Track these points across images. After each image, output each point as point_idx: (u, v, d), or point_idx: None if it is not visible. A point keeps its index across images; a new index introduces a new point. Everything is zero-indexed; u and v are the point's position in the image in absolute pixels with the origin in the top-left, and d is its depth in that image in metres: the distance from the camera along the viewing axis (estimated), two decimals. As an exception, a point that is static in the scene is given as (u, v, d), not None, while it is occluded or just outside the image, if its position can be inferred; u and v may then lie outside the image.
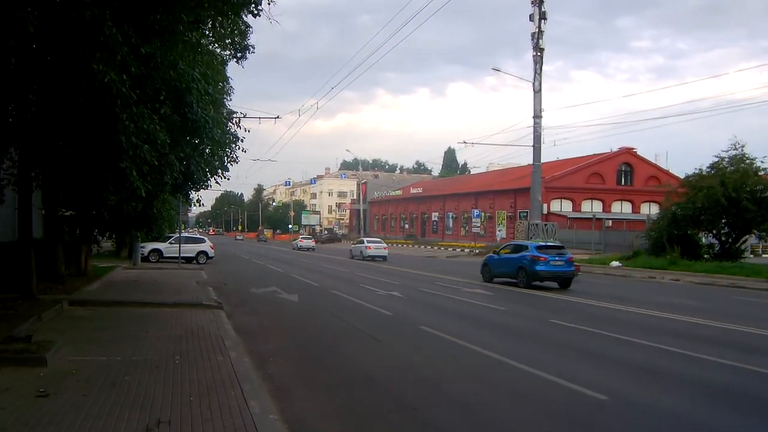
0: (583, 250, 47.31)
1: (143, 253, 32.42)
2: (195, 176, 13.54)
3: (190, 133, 11.19)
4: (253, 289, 20.25)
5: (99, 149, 9.54)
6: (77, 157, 10.36)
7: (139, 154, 9.01)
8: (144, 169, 9.73)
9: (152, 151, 9.37)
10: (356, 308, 15.64)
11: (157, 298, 15.78)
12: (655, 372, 9.05)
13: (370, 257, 39.99)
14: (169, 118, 10.11)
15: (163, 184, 12.81)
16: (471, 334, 11.79)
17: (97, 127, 9.09)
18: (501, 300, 18.00)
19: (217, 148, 13.56)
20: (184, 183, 14.40)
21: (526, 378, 8.39)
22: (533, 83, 38.83)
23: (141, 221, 19.18)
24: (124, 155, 8.93)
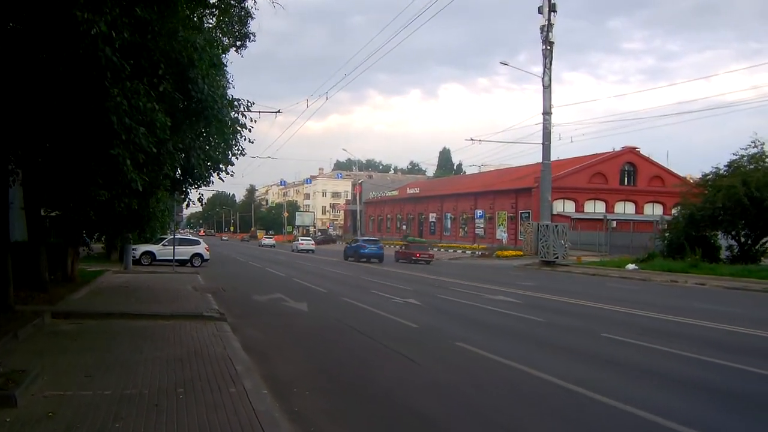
0: (589, 252, 45.89)
1: (134, 256, 30.59)
2: (196, 171, 11.81)
3: (194, 115, 9.49)
4: (256, 296, 18.55)
5: (85, 132, 7.86)
6: (60, 142, 8.64)
7: (133, 139, 7.33)
8: (140, 158, 8.03)
9: (149, 136, 7.68)
10: (376, 320, 13.97)
11: (151, 309, 14.05)
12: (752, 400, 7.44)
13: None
14: (170, 96, 8.43)
15: (162, 178, 11.06)
16: (520, 354, 10.14)
17: (83, 104, 7.41)
18: (534, 309, 16.35)
19: (225, 136, 11.81)
20: (182, 178, 12.65)
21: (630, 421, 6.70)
22: (542, 78, 37.35)
23: (133, 221, 17.42)
24: (116, 140, 7.25)
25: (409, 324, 13.08)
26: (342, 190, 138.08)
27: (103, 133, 7.36)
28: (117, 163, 7.48)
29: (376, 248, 42.17)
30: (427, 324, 13.23)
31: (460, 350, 10.40)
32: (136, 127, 7.29)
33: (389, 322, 13.56)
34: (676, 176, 66.02)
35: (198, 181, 12.89)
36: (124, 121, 7.13)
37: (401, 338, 11.54)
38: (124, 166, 7.50)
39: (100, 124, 7.25)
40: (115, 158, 7.39)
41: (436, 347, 10.78)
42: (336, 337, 11.91)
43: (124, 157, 7.45)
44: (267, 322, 13.59)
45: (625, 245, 46.09)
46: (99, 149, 7.83)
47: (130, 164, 7.58)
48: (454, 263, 44.49)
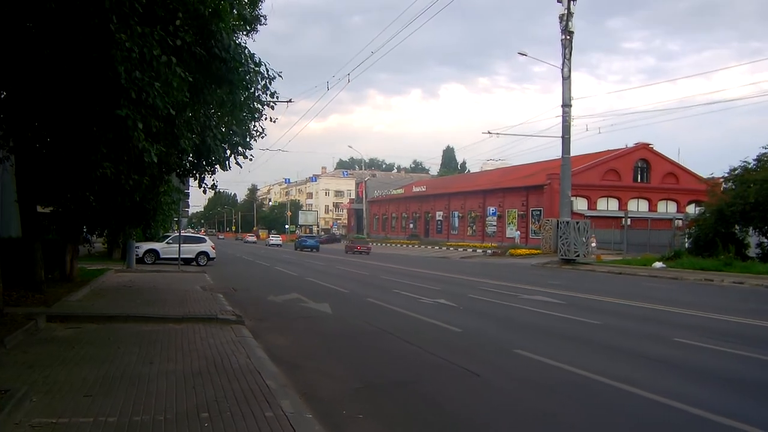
0: (604, 250, 44.32)
1: (138, 254, 29.10)
2: (212, 154, 10.27)
3: (217, 78, 7.98)
4: (271, 296, 17.04)
5: (87, 88, 6.35)
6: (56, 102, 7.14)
7: (145, 99, 5.85)
8: (153, 125, 6.52)
9: (165, 96, 6.19)
10: (410, 322, 12.45)
11: (159, 311, 12.55)
12: None
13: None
14: (189, 52, 6.92)
15: (178, 154, 9.50)
16: (599, 364, 8.63)
17: (84, 52, 5.92)
18: (582, 310, 14.84)
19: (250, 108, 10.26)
20: (196, 162, 11.09)
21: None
22: (562, 69, 35.80)
23: (138, 215, 15.88)
24: (124, 98, 5.77)
25: (450, 328, 11.57)
26: (345, 188, 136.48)
27: (108, 89, 5.86)
28: (125, 127, 5.99)
29: (313, 242, 64.60)
30: (471, 328, 11.71)
31: (526, 360, 8.89)
32: (148, 83, 5.78)
33: (426, 325, 12.05)
34: (691, 173, 64.59)
35: (215, 164, 11.34)
36: (133, 76, 5.63)
37: (448, 345, 10.04)
38: (134, 132, 5.99)
39: (104, 78, 5.76)
40: (122, 121, 5.90)
41: (494, 356, 9.27)
42: (372, 342, 10.39)
43: (135, 121, 5.95)
44: (289, 326, 12.09)
45: (641, 243, 44.56)
46: (103, 109, 6.33)
47: (141, 129, 6.07)
48: (468, 262, 42.99)
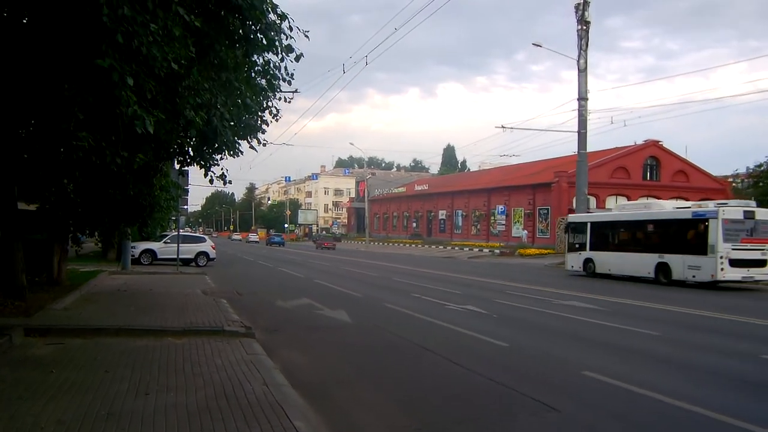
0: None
1: (134, 255, 27.48)
2: (219, 137, 8.63)
3: (229, 32, 6.39)
4: (280, 301, 15.44)
5: (56, 29, 4.74)
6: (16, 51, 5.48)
7: (137, 46, 4.28)
8: (148, 85, 4.92)
9: (163, 46, 4.61)
10: (447, 335, 10.86)
11: (156, 321, 10.94)
12: None
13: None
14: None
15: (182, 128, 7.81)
16: (686, 389, 7.08)
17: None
18: (632, 319, 13.29)
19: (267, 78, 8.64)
20: (200, 147, 9.42)
21: None
22: (578, 61, 34.19)
23: (132, 213, 14.27)
24: (107, 42, 4.19)
25: (494, 342, 9.96)
26: (344, 187, 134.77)
27: (86, 30, 4.26)
28: (109, 84, 4.40)
29: (279, 239, 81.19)
30: (518, 342, 10.12)
31: (602, 386, 7.30)
32: (141, 24, 4.18)
33: (465, 338, 10.44)
34: (702, 171, 63.19)
35: (222, 150, 9.71)
36: (120, 13, 4.04)
37: (501, 365, 8.45)
38: (121, 90, 4.41)
39: (79, 13, 4.15)
40: (105, 75, 4.32)
41: (562, 380, 7.66)
42: (409, 362, 8.78)
43: (122, 75, 4.36)
44: (306, 339, 10.48)
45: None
46: (79, 59, 4.72)
47: (131, 88, 4.47)
48: (477, 262, 41.42)
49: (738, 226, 22.32)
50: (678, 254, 23.29)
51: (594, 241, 28.06)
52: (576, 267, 28.66)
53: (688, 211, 24.46)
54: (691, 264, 22.72)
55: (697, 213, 23.56)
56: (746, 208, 23.31)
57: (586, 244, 28.42)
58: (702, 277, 22.28)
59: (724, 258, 21.55)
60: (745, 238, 22.16)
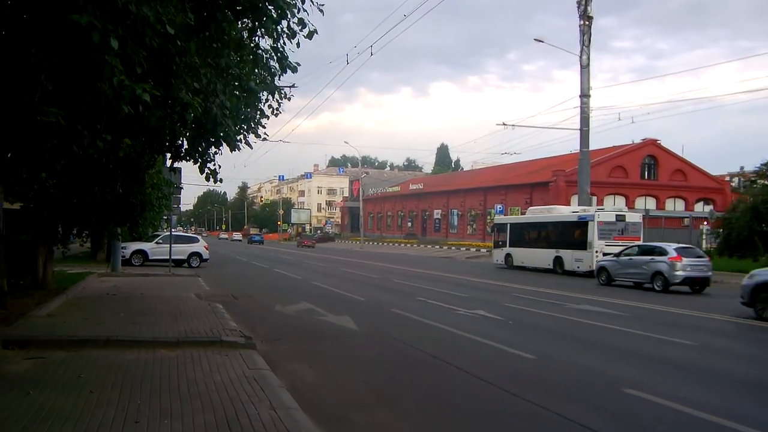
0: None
1: (124, 256, 26.53)
2: (219, 128, 7.73)
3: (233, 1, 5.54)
4: (279, 306, 14.56)
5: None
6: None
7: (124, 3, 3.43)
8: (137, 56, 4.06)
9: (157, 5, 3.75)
10: (465, 345, 10.03)
11: (147, 330, 10.04)
12: None
13: None
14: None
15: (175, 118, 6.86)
16: (754, 413, 6.25)
17: None
18: (646, 322, 12.56)
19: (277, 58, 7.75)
20: (194, 139, 8.47)
21: None
22: (580, 57, 33.54)
23: (122, 212, 13.38)
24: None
25: (519, 353, 9.13)
26: (338, 186, 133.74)
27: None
28: (87, 46, 3.53)
29: (258, 237, 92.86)
30: (545, 354, 9.26)
31: (654, 408, 6.48)
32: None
33: (486, 349, 9.60)
34: (700, 170, 62.66)
35: (220, 143, 8.80)
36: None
37: (533, 381, 7.62)
38: (103, 54, 3.55)
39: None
40: (82, 34, 3.45)
41: (606, 401, 6.83)
42: (430, 377, 7.92)
43: (105, 36, 3.50)
44: (312, 350, 9.61)
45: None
46: (50, 14, 3.84)
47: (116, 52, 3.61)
48: (476, 263, 40.62)
49: (611, 227, 27.66)
50: (568, 249, 28.35)
51: (512, 239, 33.49)
52: (500, 261, 33.69)
53: (575, 215, 29.48)
54: (576, 257, 27.75)
55: (581, 216, 28.69)
56: (618, 212, 29.86)
57: (506, 241, 33.89)
58: (584, 267, 26.91)
59: (599, 252, 26.17)
60: (617, 236, 27.30)
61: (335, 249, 61.90)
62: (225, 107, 7.70)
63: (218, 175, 9.16)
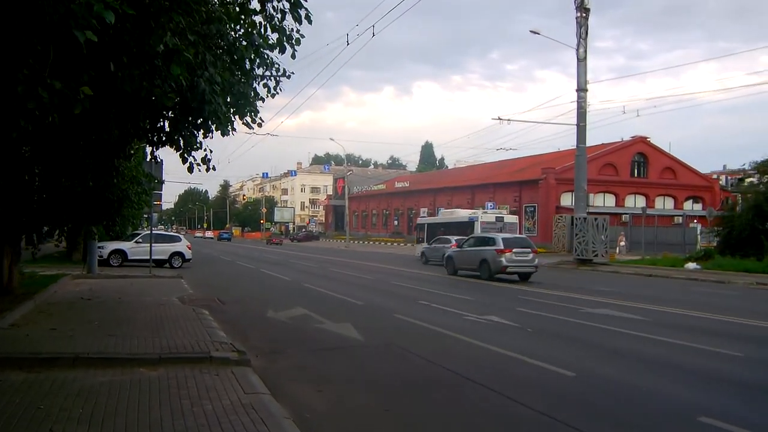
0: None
1: (102, 256, 25.08)
2: (208, 106, 6.48)
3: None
4: (272, 311, 13.27)
5: None
6: None
7: None
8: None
9: None
10: (487, 358, 8.84)
11: (125, 344, 8.71)
12: None
13: None
14: None
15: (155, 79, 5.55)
16: None
17: None
18: (674, 329, 11.50)
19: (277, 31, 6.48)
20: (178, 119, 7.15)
21: None
22: (577, 50, 32.49)
23: (97, 209, 12.01)
24: None
25: (552, 368, 7.95)
26: (321, 185, 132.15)
27: None
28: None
29: (227, 235, 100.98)
30: (583, 368, 8.08)
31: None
32: None
33: (513, 364, 8.41)
34: (689, 168, 62.16)
35: (209, 126, 7.51)
36: None
37: (579, 405, 6.45)
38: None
39: None
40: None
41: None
42: (460, 398, 6.71)
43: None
44: (317, 367, 8.35)
45: (648, 241, 41.66)
46: None
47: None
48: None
49: (491, 225, 34.64)
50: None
51: (428, 237, 38.09)
52: (418, 255, 37.02)
53: (467, 217, 37.01)
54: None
55: (471, 217, 36.30)
56: (497, 214, 37.77)
57: (424, 238, 38.91)
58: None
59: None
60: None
61: (320, 248, 60.53)
62: (215, 82, 6.44)
63: (210, 162, 7.84)
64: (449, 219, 39.50)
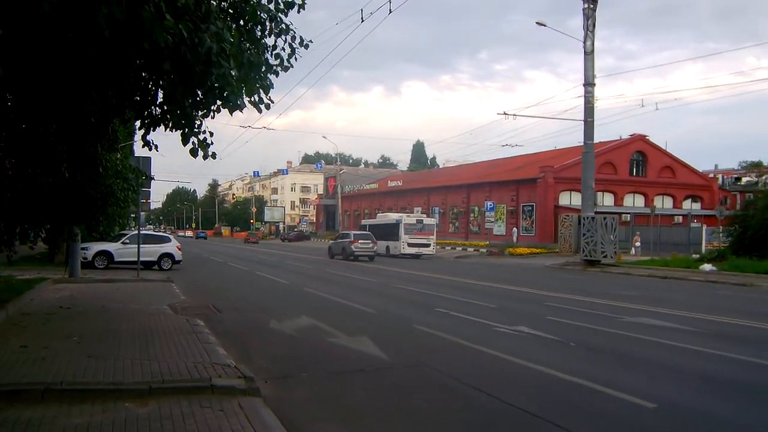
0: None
1: (86, 257, 23.55)
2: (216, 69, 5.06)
3: None
4: (275, 322, 11.81)
5: None
6: None
7: None
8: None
9: None
10: (538, 383, 7.45)
11: (107, 368, 7.24)
12: None
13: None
14: None
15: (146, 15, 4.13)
16: None
17: None
18: (732, 342, 10.14)
19: None
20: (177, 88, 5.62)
21: None
22: (584, 43, 31.14)
23: (78, 206, 10.51)
24: None
25: (626, 398, 6.57)
26: (312, 184, 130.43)
27: None
28: None
29: (203, 234, 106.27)
30: (662, 397, 6.69)
31: None
32: None
33: (577, 390, 7.00)
34: (688, 167, 61.21)
35: (214, 101, 6.06)
36: None
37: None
38: None
39: None
40: None
41: None
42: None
43: None
44: (340, 396, 6.92)
45: (651, 241, 40.57)
46: None
47: None
48: (468, 263, 38.12)
49: (413, 226, 43.91)
50: (392, 241, 43.63)
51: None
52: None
53: (394, 219, 45.71)
54: (393, 246, 43.43)
55: (397, 220, 45.03)
56: (418, 217, 48.99)
57: None
58: (397, 251, 42.83)
59: (404, 243, 42.62)
60: (417, 232, 43.71)
61: (312, 248, 58.96)
62: (224, 40, 5.01)
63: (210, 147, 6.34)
64: (382, 221, 48.78)
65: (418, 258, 41.22)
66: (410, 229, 43.23)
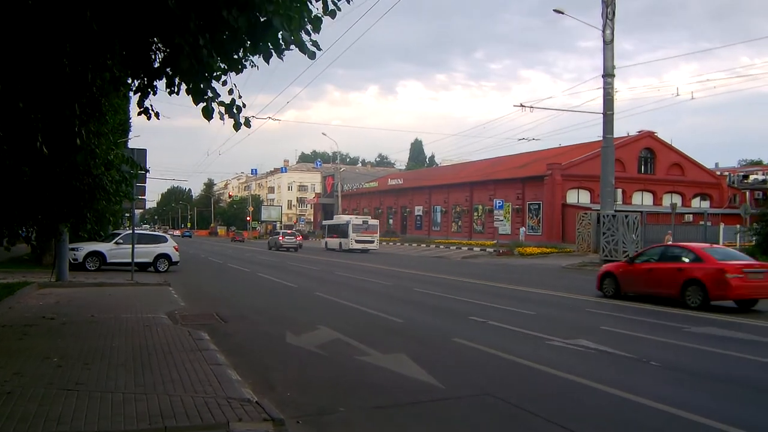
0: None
1: (76, 259, 21.91)
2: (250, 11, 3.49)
3: None
4: (291, 334, 10.16)
5: None
6: None
7: None
8: None
9: None
10: (636, 417, 5.86)
11: (91, 405, 5.60)
12: None
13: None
14: None
15: None
16: None
17: None
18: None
19: None
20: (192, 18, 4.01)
21: None
22: (603, 32, 29.76)
23: (62, 201, 8.89)
24: None
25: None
26: (309, 183, 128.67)
27: None
28: None
29: (188, 233, 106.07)
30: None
31: None
32: None
33: (693, 429, 5.43)
34: (697, 164, 59.74)
35: (239, 48, 4.44)
36: None
37: None
38: None
39: None
40: None
41: None
42: None
43: None
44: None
45: (660, 240, 39.05)
46: None
47: None
48: (477, 263, 36.54)
49: (360, 226, 52.48)
50: (344, 238, 52.11)
51: (328, 234, 58.35)
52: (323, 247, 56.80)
53: (345, 220, 54.14)
54: (344, 242, 51.94)
55: (347, 221, 53.48)
56: (364, 218, 57.34)
57: (325, 235, 59.51)
58: (346, 247, 50.67)
59: (352, 239, 50.81)
60: (364, 231, 52.11)
61: (313, 248, 57.33)
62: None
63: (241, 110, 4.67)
64: (337, 222, 57.53)
65: (366, 252, 48.68)
66: (358, 228, 52.13)
